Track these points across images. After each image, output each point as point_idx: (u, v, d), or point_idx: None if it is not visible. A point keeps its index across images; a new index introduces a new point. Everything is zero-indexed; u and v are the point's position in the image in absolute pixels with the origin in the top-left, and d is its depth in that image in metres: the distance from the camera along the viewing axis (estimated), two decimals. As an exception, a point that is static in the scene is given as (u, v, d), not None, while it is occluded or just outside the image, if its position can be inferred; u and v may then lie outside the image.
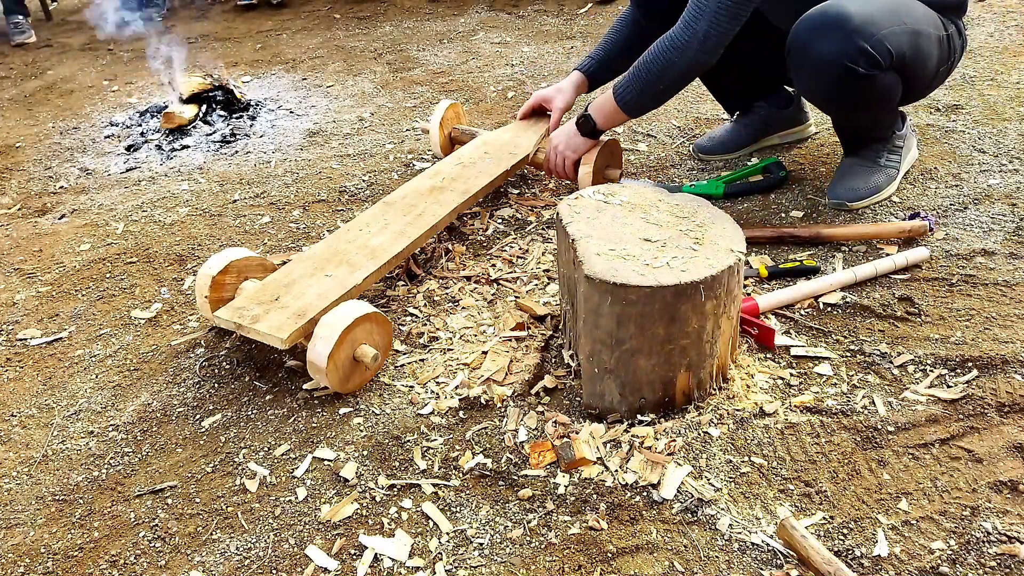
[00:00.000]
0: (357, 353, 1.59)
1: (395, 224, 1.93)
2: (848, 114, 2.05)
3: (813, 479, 1.37)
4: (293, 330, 1.57)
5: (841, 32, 1.79)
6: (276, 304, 1.66)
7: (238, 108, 3.18)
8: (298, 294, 1.68)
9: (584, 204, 1.61)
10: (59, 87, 3.80)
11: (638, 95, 1.96)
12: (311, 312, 1.61)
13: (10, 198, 2.71)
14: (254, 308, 1.65)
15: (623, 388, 1.46)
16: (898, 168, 2.17)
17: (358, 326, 1.58)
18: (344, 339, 1.56)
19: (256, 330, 1.59)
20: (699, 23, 1.83)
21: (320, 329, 1.56)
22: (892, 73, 1.88)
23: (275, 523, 1.38)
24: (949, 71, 2.07)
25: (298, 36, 4.27)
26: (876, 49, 1.80)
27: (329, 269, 1.76)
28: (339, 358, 1.56)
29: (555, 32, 3.90)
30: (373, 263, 1.77)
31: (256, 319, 1.62)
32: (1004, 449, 1.38)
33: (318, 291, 1.68)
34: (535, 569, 1.26)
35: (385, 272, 1.81)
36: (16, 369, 1.84)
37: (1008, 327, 1.65)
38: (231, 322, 1.63)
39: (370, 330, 1.63)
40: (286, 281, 1.73)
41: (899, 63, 1.86)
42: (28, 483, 1.52)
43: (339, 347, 1.55)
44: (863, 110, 2.00)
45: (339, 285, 1.70)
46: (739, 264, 1.42)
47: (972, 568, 1.20)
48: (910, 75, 1.94)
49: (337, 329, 1.55)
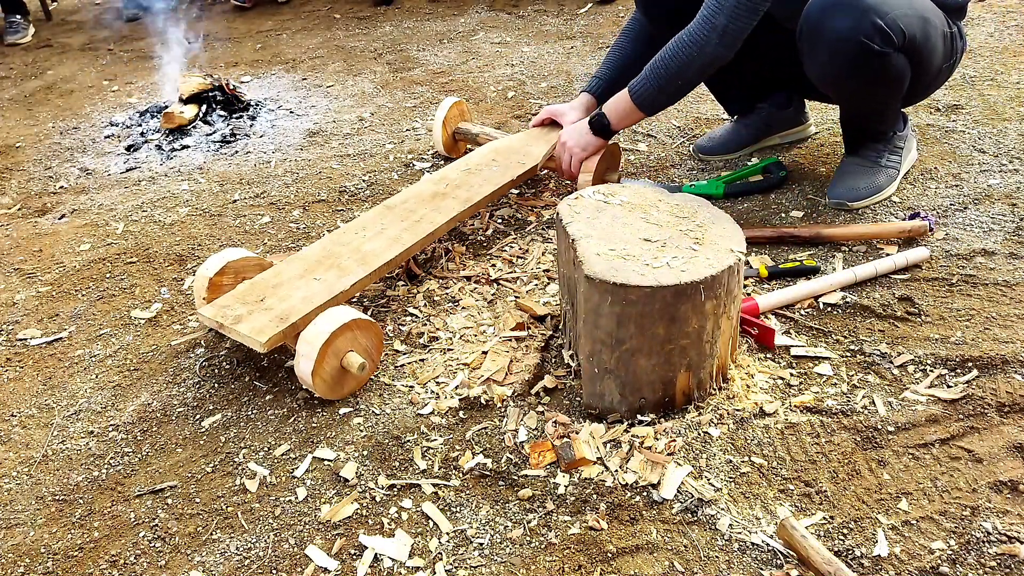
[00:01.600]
0: (344, 362, 1.58)
1: (392, 229, 1.91)
2: (858, 97, 2.03)
3: (813, 479, 1.37)
4: (273, 334, 1.56)
5: (856, 9, 1.81)
6: (260, 305, 1.65)
7: (238, 108, 3.18)
8: (284, 296, 1.67)
9: (584, 204, 1.61)
10: (59, 87, 3.80)
11: (655, 92, 1.96)
12: (293, 316, 1.60)
13: (10, 198, 2.71)
14: (238, 308, 1.64)
15: (623, 388, 1.46)
16: (898, 168, 2.17)
17: (339, 336, 1.57)
18: (326, 352, 1.54)
19: (237, 331, 1.58)
20: (718, 17, 1.84)
21: (301, 346, 1.56)
22: (903, 56, 1.88)
23: (275, 523, 1.38)
24: (950, 71, 2.07)
25: (298, 36, 4.27)
26: (890, 27, 1.81)
27: (319, 272, 1.75)
28: (325, 371, 1.56)
29: (555, 32, 3.90)
30: (363, 269, 1.76)
31: (238, 319, 1.61)
32: (1004, 449, 1.38)
33: (304, 294, 1.67)
34: (535, 569, 1.26)
35: (375, 279, 1.79)
36: (16, 369, 1.84)
37: (1008, 327, 1.65)
38: (214, 320, 1.63)
39: (354, 337, 1.61)
40: (275, 282, 1.72)
41: (910, 45, 1.87)
42: (28, 483, 1.52)
43: (322, 362, 1.54)
44: (873, 94, 1.99)
45: (326, 290, 1.69)
46: (739, 264, 1.42)
47: (972, 568, 1.20)
48: (918, 63, 1.94)
49: (316, 345, 1.53)
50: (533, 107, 3.01)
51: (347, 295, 1.71)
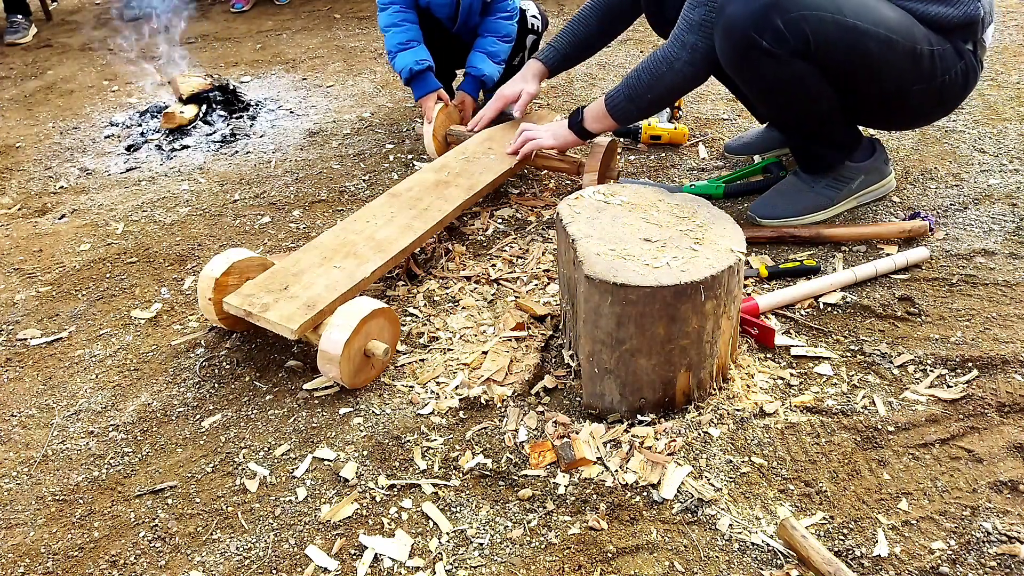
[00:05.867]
0: (369, 346, 1.60)
1: (401, 217, 1.94)
2: (763, 98, 1.92)
3: (813, 479, 1.37)
4: (304, 321, 1.58)
5: (758, 1, 1.69)
6: (285, 293, 1.67)
7: (238, 108, 3.18)
8: (307, 284, 1.70)
9: (584, 204, 1.61)
10: (59, 87, 3.80)
11: (627, 104, 1.96)
12: (320, 304, 1.63)
13: (10, 198, 2.71)
14: (263, 296, 1.66)
15: (623, 388, 1.46)
16: (832, 200, 2.05)
17: (373, 319, 1.60)
18: (360, 330, 1.57)
19: (266, 319, 1.61)
20: (688, 36, 1.82)
21: (337, 317, 1.58)
22: (802, 62, 1.74)
23: (275, 523, 1.38)
24: (945, 95, 1.88)
25: (298, 36, 4.27)
26: (787, 27, 1.68)
27: (336, 260, 1.78)
28: (353, 349, 1.57)
29: (555, 32, 3.89)
30: (380, 256, 1.79)
31: (266, 308, 1.63)
32: (1004, 449, 1.38)
33: (327, 282, 1.70)
34: (535, 569, 1.26)
35: (392, 266, 1.82)
36: (16, 369, 1.84)
37: (1008, 327, 1.65)
38: (241, 309, 1.64)
39: (382, 326, 1.64)
40: (295, 270, 1.74)
41: (817, 53, 1.72)
42: (28, 483, 1.52)
43: (355, 337, 1.56)
44: (776, 99, 1.87)
45: (347, 277, 1.71)
46: (739, 264, 1.42)
47: (972, 568, 1.20)
48: (842, 76, 1.79)
49: (355, 318, 1.56)
50: (533, 107, 3.01)
51: (368, 282, 1.74)
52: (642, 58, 2.05)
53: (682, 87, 1.91)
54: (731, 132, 2.66)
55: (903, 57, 1.77)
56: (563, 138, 2.14)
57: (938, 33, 1.80)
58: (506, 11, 2.66)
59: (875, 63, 1.76)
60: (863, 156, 2.06)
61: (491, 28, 2.66)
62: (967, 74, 1.86)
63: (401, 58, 2.56)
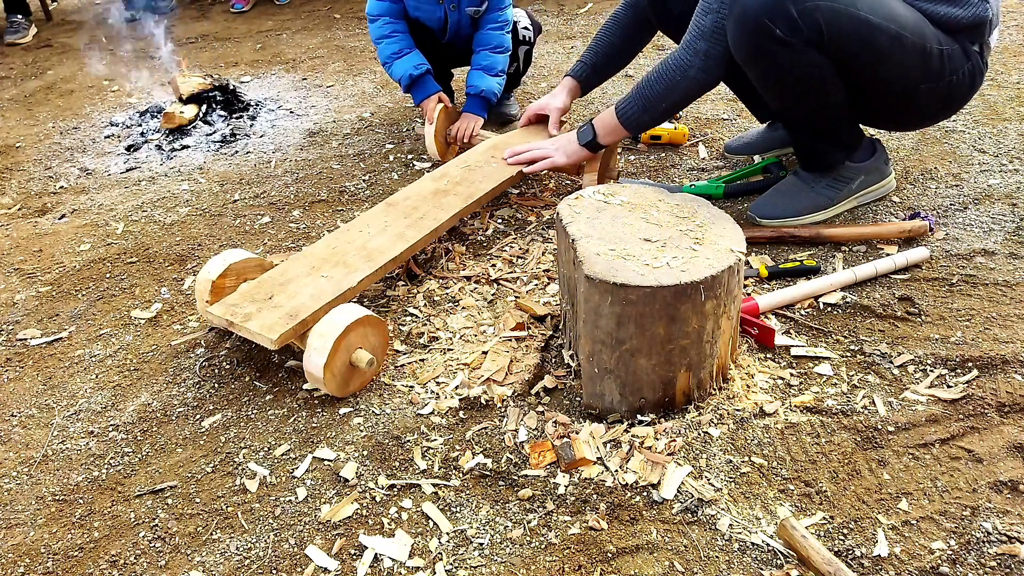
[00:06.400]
0: (353, 358, 1.59)
1: (395, 226, 1.92)
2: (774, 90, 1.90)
3: (813, 479, 1.37)
4: (284, 331, 1.57)
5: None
6: (269, 303, 1.66)
7: (238, 108, 3.18)
8: (292, 293, 1.68)
9: (584, 204, 1.61)
10: (59, 87, 3.80)
11: (640, 113, 1.96)
12: (303, 313, 1.61)
13: (10, 198, 2.71)
14: (247, 306, 1.65)
15: (623, 388, 1.46)
16: (832, 200, 2.05)
17: (351, 332, 1.58)
18: (339, 347, 1.55)
19: (247, 328, 1.59)
20: (699, 42, 1.82)
21: (313, 339, 1.56)
22: (815, 53, 1.74)
23: (275, 523, 1.38)
24: (949, 95, 1.89)
25: (298, 36, 4.27)
26: (801, 16, 1.68)
27: (325, 269, 1.76)
28: (335, 366, 1.56)
29: (555, 32, 3.90)
30: (369, 266, 1.77)
31: (248, 317, 1.62)
32: (1004, 449, 1.38)
33: (312, 292, 1.68)
34: (535, 569, 1.26)
35: (381, 275, 1.80)
36: (16, 369, 1.84)
37: (1008, 327, 1.65)
38: (223, 319, 1.63)
39: (364, 333, 1.62)
40: (282, 280, 1.73)
41: (830, 44, 1.73)
42: (28, 483, 1.52)
43: (334, 355, 1.55)
44: (788, 91, 1.86)
45: (334, 287, 1.70)
46: (739, 264, 1.42)
47: (972, 568, 1.20)
48: (853, 70, 1.79)
49: (330, 339, 1.54)
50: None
51: (355, 292, 1.72)
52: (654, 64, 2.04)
53: (696, 94, 1.92)
54: (731, 132, 2.66)
55: (913, 54, 1.77)
56: (575, 155, 2.12)
57: (947, 33, 1.81)
58: (497, 22, 2.64)
59: (886, 57, 1.76)
60: (863, 156, 2.06)
61: (484, 41, 2.63)
62: (974, 75, 1.87)
63: (398, 66, 2.56)
